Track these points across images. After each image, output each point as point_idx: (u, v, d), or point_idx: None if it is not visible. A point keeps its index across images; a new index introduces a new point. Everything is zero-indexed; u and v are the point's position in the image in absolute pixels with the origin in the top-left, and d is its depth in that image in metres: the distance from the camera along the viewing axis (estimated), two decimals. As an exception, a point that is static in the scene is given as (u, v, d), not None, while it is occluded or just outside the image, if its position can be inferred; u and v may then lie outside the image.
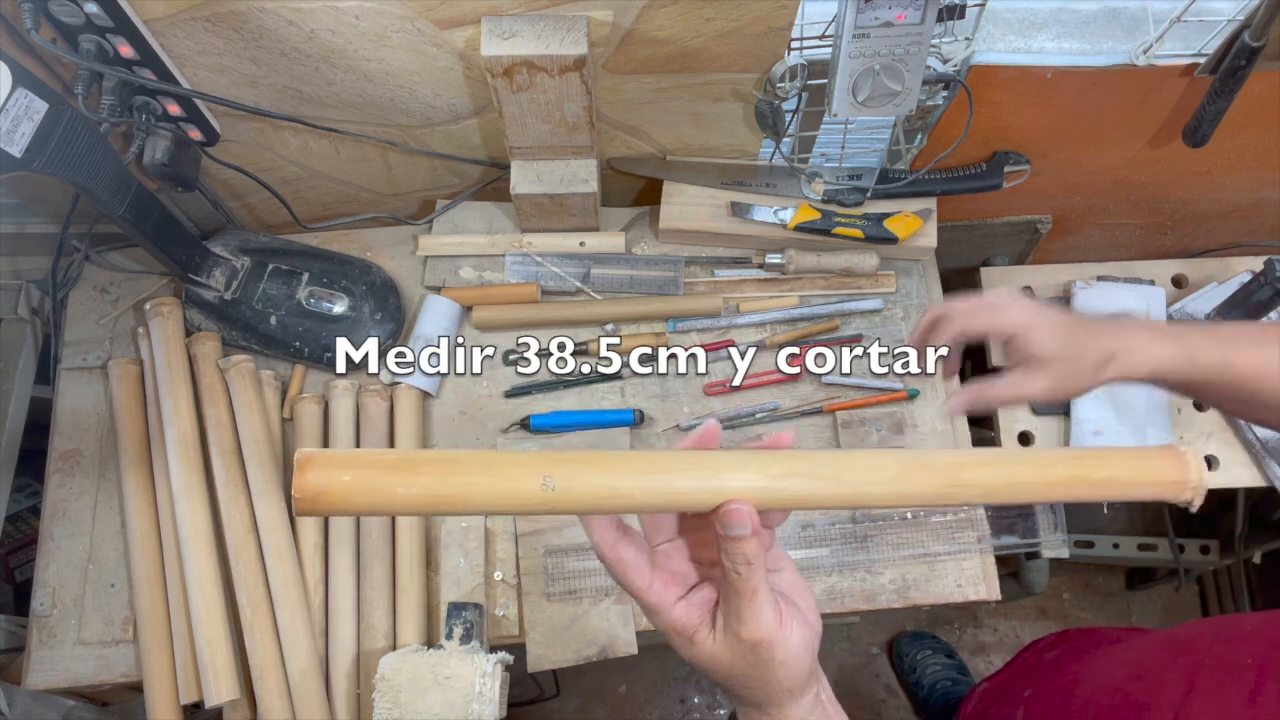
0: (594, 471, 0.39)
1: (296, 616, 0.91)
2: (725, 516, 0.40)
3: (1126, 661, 0.71)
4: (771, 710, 0.46)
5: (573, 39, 0.80)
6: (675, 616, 0.44)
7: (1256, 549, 1.44)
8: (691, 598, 0.44)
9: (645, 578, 0.44)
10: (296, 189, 1.07)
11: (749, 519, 0.40)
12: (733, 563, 0.41)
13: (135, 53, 0.81)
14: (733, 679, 0.45)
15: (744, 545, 0.40)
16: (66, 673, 0.94)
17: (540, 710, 1.64)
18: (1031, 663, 0.88)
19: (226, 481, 0.94)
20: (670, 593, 0.44)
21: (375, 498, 0.38)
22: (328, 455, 0.38)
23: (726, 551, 0.41)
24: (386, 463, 0.39)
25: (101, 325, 1.08)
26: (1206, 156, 0.99)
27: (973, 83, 0.87)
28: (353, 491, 0.38)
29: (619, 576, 0.44)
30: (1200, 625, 0.68)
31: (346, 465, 0.38)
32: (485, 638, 0.89)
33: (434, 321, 1.04)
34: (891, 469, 0.41)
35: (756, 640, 0.42)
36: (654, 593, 0.44)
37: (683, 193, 1.06)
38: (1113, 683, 0.68)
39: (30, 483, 1.26)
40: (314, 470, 0.38)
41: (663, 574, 0.44)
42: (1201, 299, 1.10)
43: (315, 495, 0.37)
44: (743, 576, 0.41)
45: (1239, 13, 0.79)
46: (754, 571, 0.41)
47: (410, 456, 0.39)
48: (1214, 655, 0.62)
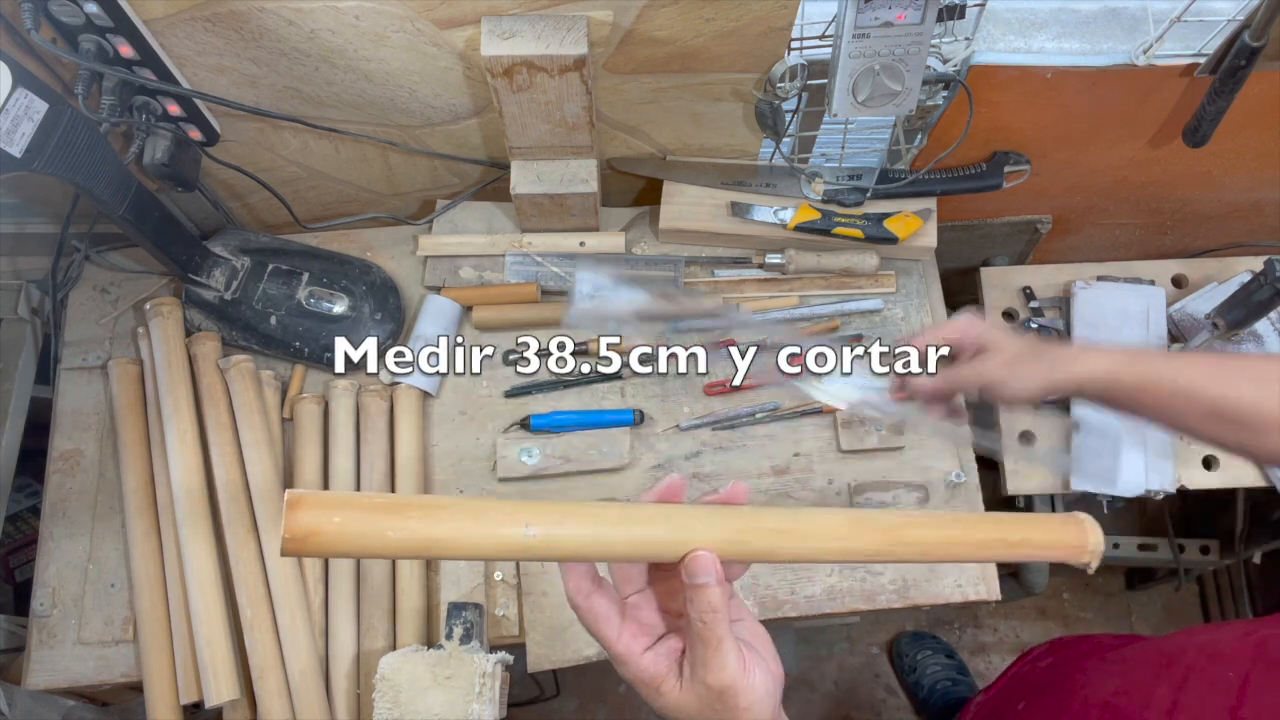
0: (573, 522, 0.41)
1: (296, 616, 0.91)
2: (691, 564, 0.42)
3: (1114, 675, 0.71)
4: None
5: (573, 39, 0.80)
6: (643, 666, 0.45)
7: (1256, 549, 1.44)
8: (658, 648, 0.46)
9: (615, 628, 0.46)
10: (296, 189, 1.07)
11: (713, 567, 0.42)
12: (698, 611, 0.43)
13: (135, 53, 0.81)
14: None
15: (708, 593, 0.42)
16: (66, 673, 0.94)
17: (540, 710, 1.64)
18: (1025, 674, 0.88)
19: (226, 482, 0.94)
20: (638, 643, 0.46)
21: (364, 541, 0.39)
22: (319, 496, 0.38)
23: (692, 600, 0.42)
24: (377, 506, 0.39)
25: (101, 325, 1.08)
26: (1206, 156, 0.99)
27: (973, 83, 0.87)
28: (343, 533, 0.38)
29: (590, 625, 0.46)
30: (1188, 636, 0.69)
31: (337, 507, 0.38)
32: (485, 638, 0.89)
33: (434, 321, 1.04)
34: (843, 528, 0.45)
35: (723, 687, 0.44)
36: (622, 643, 0.46)
37: (683, 193, 1.06)
38: (1101, 697, 0.69)
39: (30, 483, 1.26)
40: (305, 511, 0.38)
41: (631, 625, 0.46)
42: (1201, 299, 1.10)
43: (305, 535, 0.37)
44: (708, 625, 0.43)
45: (1239, 13, 0.79)
46: (718, 620, 0.43)
47: (400, 501, 0.40)
48: (1198, 670, 0.63)
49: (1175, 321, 1.10)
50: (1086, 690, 0.71)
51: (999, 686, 0.91)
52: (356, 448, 1.00)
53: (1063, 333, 1.10)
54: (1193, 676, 0.63)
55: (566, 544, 0.41)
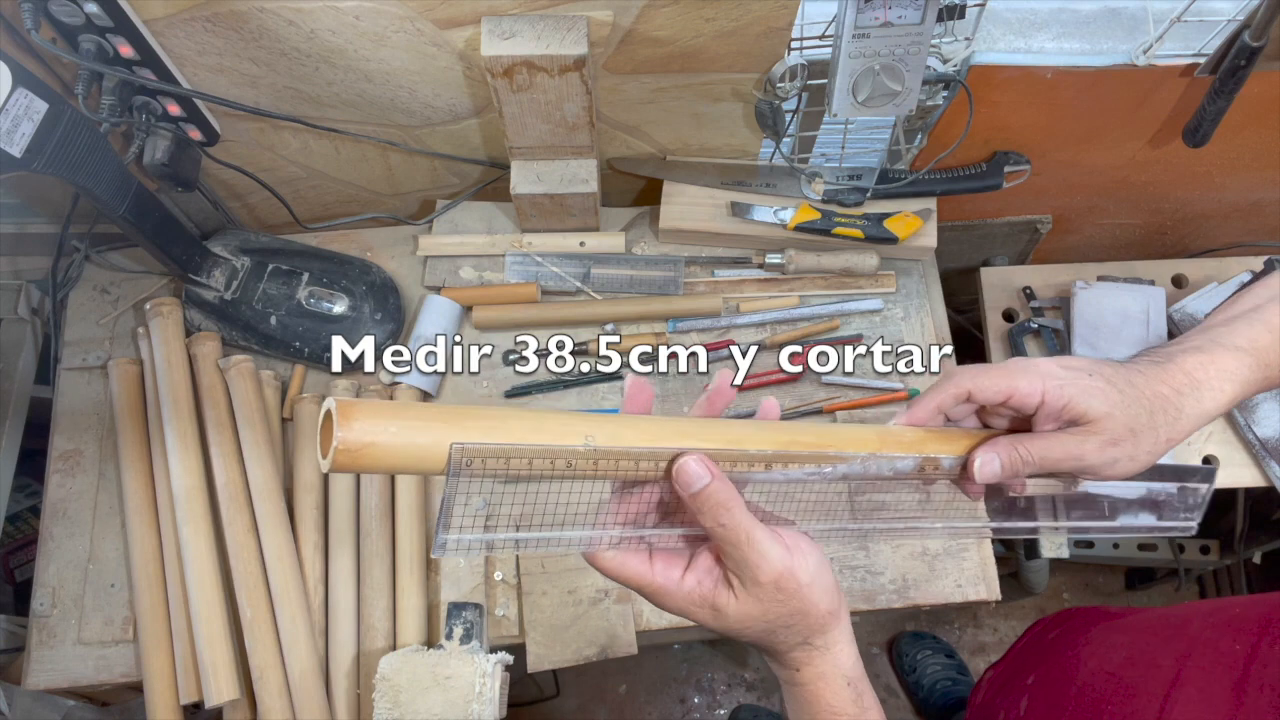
0: (629, 432, 0.40)
1: (296, 616, 0.91)
2: (680, 474, 0.40)
3: (1121, 644, 0.71)
4: (817, 640, 0.45)
5: (573, 39, 0.80)
6: (689, 588, 0.43)
7: (1256, 549, 1.44)
8: (696, 566, 0.44)
9: (646, 564, 0.44)
10: (296, 189, 1.07)
11: (706, 468, 0.40)
12: (712, 517, 0.40)
13: (135, 53, 0.81)
14: (773, 629, 0.44)
15: (710, 493, 0.40)
16: (66, 673, 0.94)
17: (540, 710, 1.64)
18: (1034, 646, 0.88)
19: (226, 482, 0.94)
20: (675, 569, 0.44)
21: (423, 454, 0.36)
22: (371, 404, 0.36)
23: (701, 510, 0.40)
24: (432, 414, 0.37)
25: (101, 325, 1.08)
26: (1206, 156, 0.99)
27: (973, 83, 0.87)
28: (399, 444, 0.35)
29: (619, 573, 0.44)
30: (1194, 607, 0.69)
31: (393, 416, 0.36)
32: (485, 638, 0.89)
33: (434, 321, 1.04)
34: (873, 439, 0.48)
35: (776, 575, 0.42)
36: (659, 574, 0.44)
37: (683, 193, 1.06)
38: (1108, 666, 0.69)
39: (30, 483, 1.26)
40: (360, 420, 0.34)
41: (660, 556, 0.44)
42: (1201, 299, 1.10)
43: (360, 448, 0.34)
44: (728, 526, 0.41)
45: (1239, 13, 0.79)
46: (734, 515, 0.40)
47: (455, 410, 0.38)
48: (1204, 641, 0.62)
49: (1175, 321, 1.09)
50: (1094, 661, 0.71)
51: (1008, 661, 0.91)
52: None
53: (1063, 333, 1.10)
54: (1198, 648, 0.62)
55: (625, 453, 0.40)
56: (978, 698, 0.90)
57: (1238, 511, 1.42)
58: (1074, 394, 0.48)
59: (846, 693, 0.46)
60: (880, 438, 0.48)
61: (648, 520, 0.46)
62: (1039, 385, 0.48)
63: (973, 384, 0.49)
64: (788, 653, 0.46)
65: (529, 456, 0.38)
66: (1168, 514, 0.56)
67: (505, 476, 0.39)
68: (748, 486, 0.46)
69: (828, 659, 0.46)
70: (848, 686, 0.46)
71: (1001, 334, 1.13)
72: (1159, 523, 0.56)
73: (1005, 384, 0.49)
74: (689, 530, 0.45)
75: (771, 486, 0.47)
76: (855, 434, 0.47)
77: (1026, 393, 0.48)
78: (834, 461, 0.45)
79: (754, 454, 0.43)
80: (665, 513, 0.46)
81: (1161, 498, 0.56)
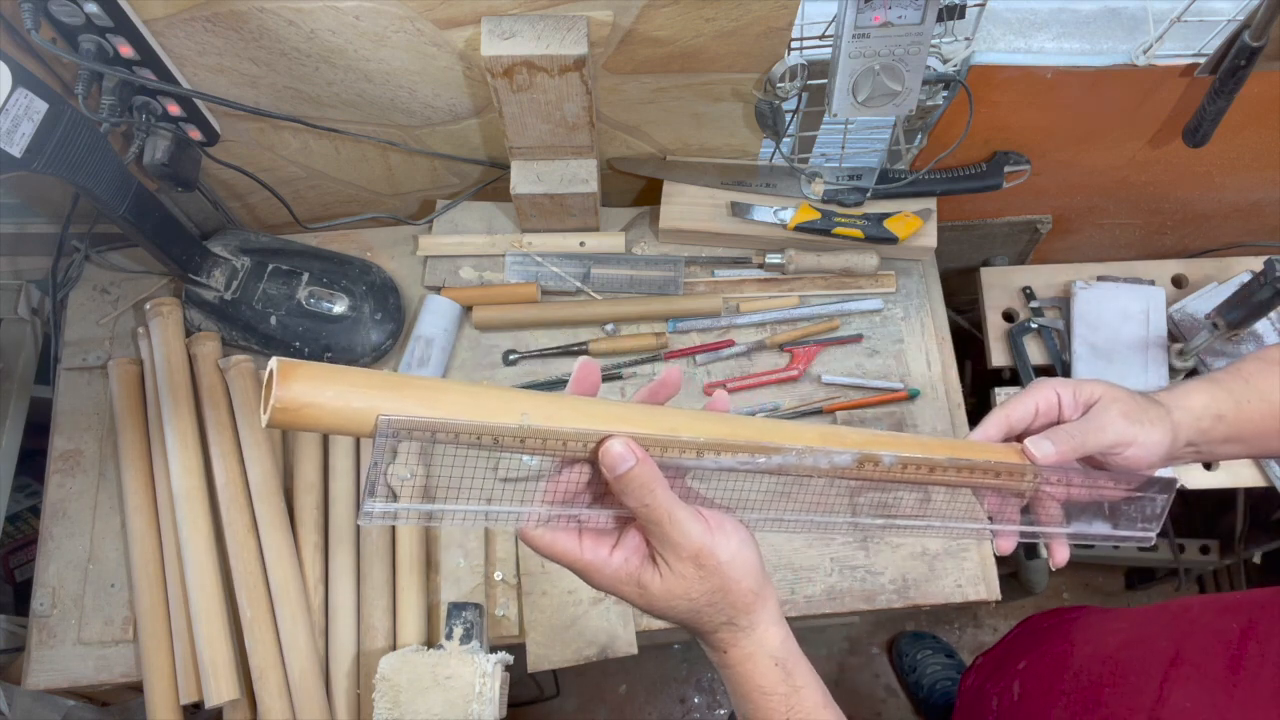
0: (568, 414, 0.42)
1: (296, 616, 0.91)
2: (606, 457, 0.42)
3: (1118, 630, 0.71)
4: (741, 621, 0.47)
5: (573, 39, 0.80)
6: (616, 565, 0.45)
7: (1256, 549, 1.44)
8: (624, 544, 0.46)
9: (575, 542, 0.45)
10: (296, 189, 1.07)
11: (631, 450, 0.42)
12: (636, 498, 0.42)
13: (135, 53, 0.81)
14: (697, 609, 0.46)
15: (635, 475, 0.42)
16: (66, 673, 0.94)
17: (540, 710, 1.64)
18: (1027, 635, 0.88)
19: (226, 482, 0.94)
20: (603, 546, 0.46)
21: (357, 418, 0.36)
22: (314, 366, 0.36)
23: (625, 491, 0.42)
24: (374, 382, 0.38)
25: (101, 325, 1.08)
26: (1206, 156, 0.99)
27: (973, 83, 0.87)
28: (336, 407, 0.36)
29: (549, 549, 0.45)
30: (1193, 598, 0.69)
31: (333, 380, 0.36)
32: (485, 638, 0.89)
33: (434, 321, 1.04)
34: (815, 437, 0.48)
35: (695, 550, 0.43)
36: (587, 551, 0.45)
37: (683, 193, 1.06)
38: (1105, 651, 0.69)
39: (30, 483, 1.26)
40: (299, 381, 0.35)
41: (589, 535, 0.46)
42: (1201, 299, 1.10)
43: (298, 407, 0.35)
44: (650, 505, 0.42)
45: (1239, 13, 0.79)
46: (656, 495, 0.42)
47: (399, 379, 0.39)
48: (1203, 622, 0.63)
49: (1175, 321, 1.09)
50: (1089, 647, 0.71)
51: (1000, 649, 0.91)
52: (356, 448, 0.99)
53: (1062, 333, 1.10)
54: (1197, 627, 0.63)
55: (553, 433, 0.41)
56: (968, 681, 0.90)
57: (1238, 511, 1.42)
58: (1081, 381, 0.57)
59: (775, 673, 0.48)
60: (821, 435, 0.48)
61: (581, 499, 0.47)
62: (1052, 388, 0.56)
63: (1007, 418, 0.56)
64: (713, 633, 0.48)
65: (455, 431, 0.39)
66: (1124, 523, 0.58)
67: (432, 443, 0.40)
68: (689, 475, 0.48)
69: (753, 639, 0.47)
70: (775, 666, 0.48)
71: (1001, 334, 1.13)
72: (1114, 531, 0.58)
73: (1028, 401, 0.56)
74: (620, 511, 0.46)
75: (727, 480, 0.47)
76: (795, 430, 0.48)
77: (1045, 397, 0.56)
78: (769, 452, 0.46)
79: (686, 440, 0.44)
80: (597, 494, 0.48)
81: (1120, 506, 0.58)
